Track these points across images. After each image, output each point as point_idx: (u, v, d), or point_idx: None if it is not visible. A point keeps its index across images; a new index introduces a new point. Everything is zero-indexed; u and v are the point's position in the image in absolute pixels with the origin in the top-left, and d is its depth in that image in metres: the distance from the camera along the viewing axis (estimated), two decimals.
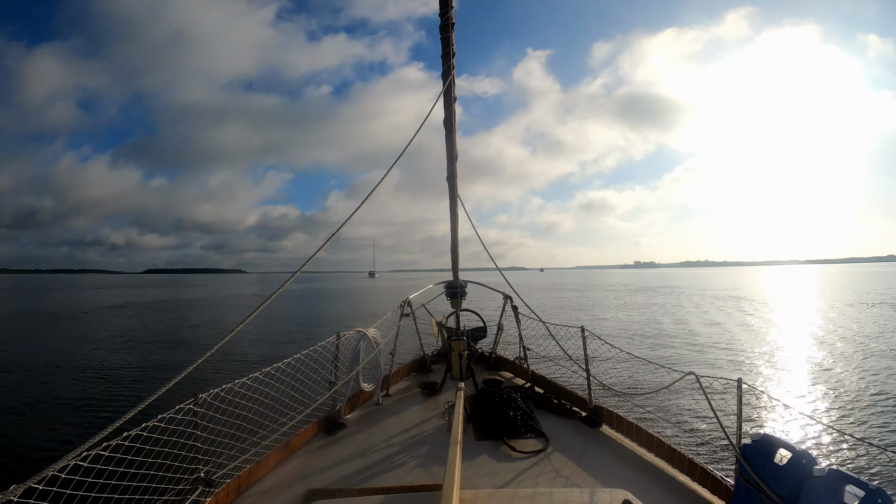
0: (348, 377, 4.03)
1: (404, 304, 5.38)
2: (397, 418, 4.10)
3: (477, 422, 3.78)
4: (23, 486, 1.59)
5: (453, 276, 6.16)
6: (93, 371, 12.68)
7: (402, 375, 5.40)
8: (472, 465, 3.09)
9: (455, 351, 5.02)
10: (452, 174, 5.31)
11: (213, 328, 22.35)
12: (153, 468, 2.36)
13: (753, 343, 16.20)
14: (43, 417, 8.94)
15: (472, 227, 5.76)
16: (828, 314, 25.11)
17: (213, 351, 2.40)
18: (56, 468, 1.72)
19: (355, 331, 4.34)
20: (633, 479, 2.92)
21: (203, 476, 2.58)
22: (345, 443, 3.61)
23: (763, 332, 19.01)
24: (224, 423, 2.85)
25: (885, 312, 25.12)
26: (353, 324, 6.53)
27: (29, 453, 7.06)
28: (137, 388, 10.98)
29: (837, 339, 16.54)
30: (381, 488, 2.81)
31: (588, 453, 3.33)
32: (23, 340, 18.63)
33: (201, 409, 2.50)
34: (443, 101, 4.91)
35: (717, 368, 12.18)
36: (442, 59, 4.80)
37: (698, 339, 16.86)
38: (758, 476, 2.29)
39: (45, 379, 11.95)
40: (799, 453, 2.19)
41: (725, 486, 2.72)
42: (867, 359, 13.04)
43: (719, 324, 21.43)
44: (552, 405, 4.17)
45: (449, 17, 4.65)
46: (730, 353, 14.39)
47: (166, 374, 12.27)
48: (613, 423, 3.71)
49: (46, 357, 14.63)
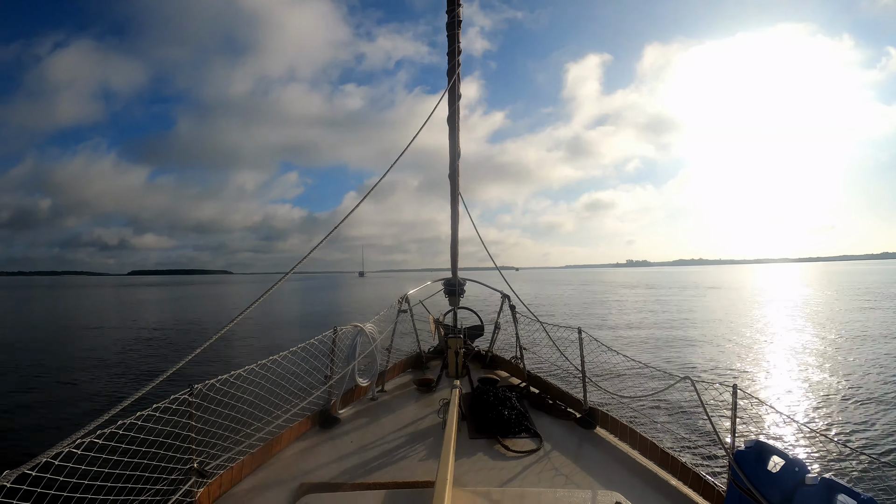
0: (344, 372, 4.03)
1: (402, 301, 5.37)
2: (392, 414, 4.11)
3: (471, 420, 3.79)
4: (16, 471, 1.58)
5: (452, 273, 6.16)
6: (91, 360, 12.71)
7: (398, 372, 5.40)
8: (465, 463, 3.10)
9: (451, 349, 5.02)
10: (454, 172, 5.30)
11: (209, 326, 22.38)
12: (147, 457, 2.36)
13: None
14: (37, 404, 8.95)
15: (473, 225, 5.76)
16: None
17: (207, 344, 2.39)
18: (50, 455, 1.71)
19: (352, 325, 4.34)
20: (626, 481, 2.93)
21: (196, 466, 2.59)
22: (339, 437, 3.61)
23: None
24: (219, 414, 2.85)
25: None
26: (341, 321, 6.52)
27: (22, 439, 7.06)
28: (133, 379, 10.99)
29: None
30: (375, 483, 2.82)
31: (581, 455, 3.33)
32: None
33: (196, 400, 2.50)
34: (447, 98, 4.89)
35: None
36: (448, 57, 4.77)
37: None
38: (750, 482, 2.30)
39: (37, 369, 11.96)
40: (792, 461, 2.19)
41: (718, 491, 2.73)
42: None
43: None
44: (547, 405, 4.17)
45: (456, 15, 4.62)
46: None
47: (163, 365, 12.27)
48: (608, 426, 3.71)
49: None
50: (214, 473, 2.72)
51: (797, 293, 41.52)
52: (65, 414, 8.40)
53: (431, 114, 4.19)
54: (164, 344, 16.69)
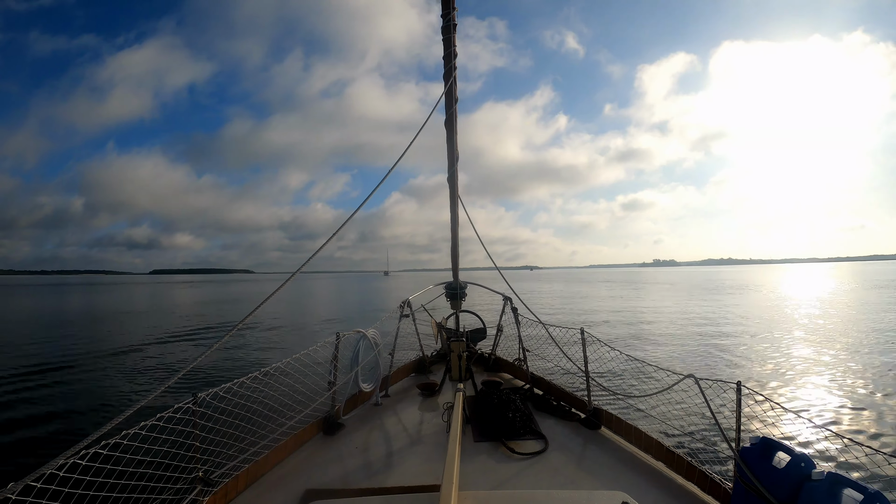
0: (347, 377, 4.02)
1: (404, 305, 5.37)
2: (396, 419, 4.10)
3: (476, 423, 3.78)
4: (21, 483, 1.58)
5: (453, 277, 6.16)
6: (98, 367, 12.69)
7: (402, 376, 5.40)
8: (470, 467, 3.09)
9: (454, 352, 5.02)
10: (453, 175, 5.31)
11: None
12: (152, 467, 2.36)
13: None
14: (41, 415, 8.93)
15: (473, 228, 5.77)
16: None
17: (210, 350, 2.39)
18: (54, 466, 1.71)
19: (355, 331, 4.34)
20: (632, 481, 2.92)
21: (202, 475, 2.58)
22: (343, 443, 3.60)
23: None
24: (223, 422, 2.84)
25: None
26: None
27: (26, 451, 7.05)
28: (136, 387, 10.97)
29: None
30: (380, 489, 2.81)
31: (587, 455, 3.33)
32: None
33: (200, 409, 2.50)
34: (444, 102, 4.91)
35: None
36: (444, 61, 4.80)
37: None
38: (756, 479, 2.29)
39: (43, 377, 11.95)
40: (798, 456, 2.19)
41: (724, 488, 2.72)
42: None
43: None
44: (551, 407, 4.16)
45: (451, 19, 4.65)
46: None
47: (165, 373, 12.25)
48: (612, 425, 3.71)
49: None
50: (220, 482, 2.71)
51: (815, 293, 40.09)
52: (66, 425, 8.39)
53: (429, 117, 4.21)
54: (162, 350, 16.67)
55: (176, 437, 2.41)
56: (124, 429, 2.04)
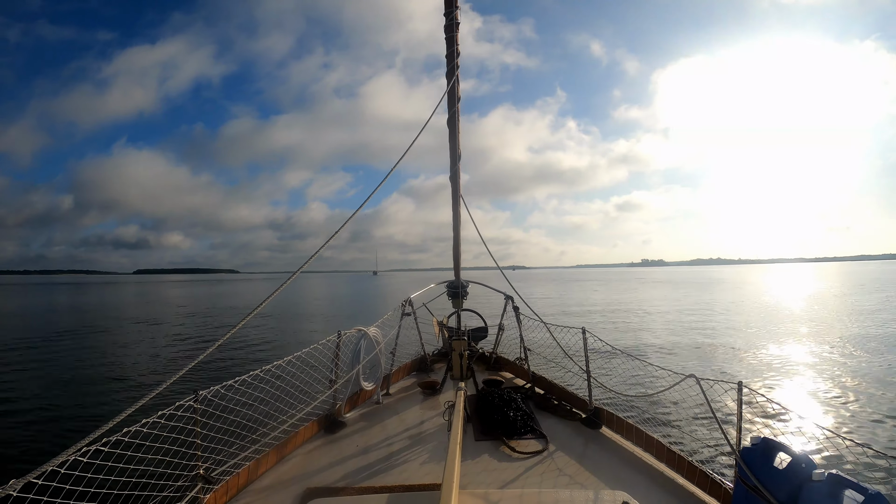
0: (349, 376, 4.03)
1: (405, 304, 5.37)
2: (397, 417, 4.10)
3: (477, 422, 3.78)
4: (22, 480, 1.59)
5: (455, 275, 6.16)
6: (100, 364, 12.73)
7: (403, 374, 5.40)
8: (471, 465, 3.09)
9: (456, 351, 5.02)
10: (455, 174, 5.30)
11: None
12: (153, 464, 2.36)
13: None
14: (42, 412, 8.96)
15: (476, 228, 5.77)
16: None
17: (211, 350, 2.40)
18: (56, 463, 1.72)
19: (356, 329, 4.34)
20: (633, 480, 2.92)
21: (203, 473, 2.59)
22: (345, 441, 3.61)
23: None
24: (224, 420, 2.85)
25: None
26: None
27: (28, 448, 7.08)
28: (138, 385, 11.00)
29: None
30: (381, 487, 2.81)
31: (588, 455, 3.33)
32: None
33: (201, 406, 2.50)
34: (447, 100, 4.90)
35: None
36: (446, 60, 4.79)
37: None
38: (757, 479, 2.29)
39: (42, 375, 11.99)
40: (799, 457, 2.18)
41: (725, 489, 2.72)
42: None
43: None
44: (552, 406, 4.16)
45: (454, 17, 4.64)
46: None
47: (167, 371, 12.28)
48: (613, 425, 3.70)
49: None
50: (221, 479, 2.72)
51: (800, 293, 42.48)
52: (65, 424, 8.41)
53: (430, 117, 4.20)
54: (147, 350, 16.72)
55: (177, 434, 2.41)
56: (126, 426, 2.05)
